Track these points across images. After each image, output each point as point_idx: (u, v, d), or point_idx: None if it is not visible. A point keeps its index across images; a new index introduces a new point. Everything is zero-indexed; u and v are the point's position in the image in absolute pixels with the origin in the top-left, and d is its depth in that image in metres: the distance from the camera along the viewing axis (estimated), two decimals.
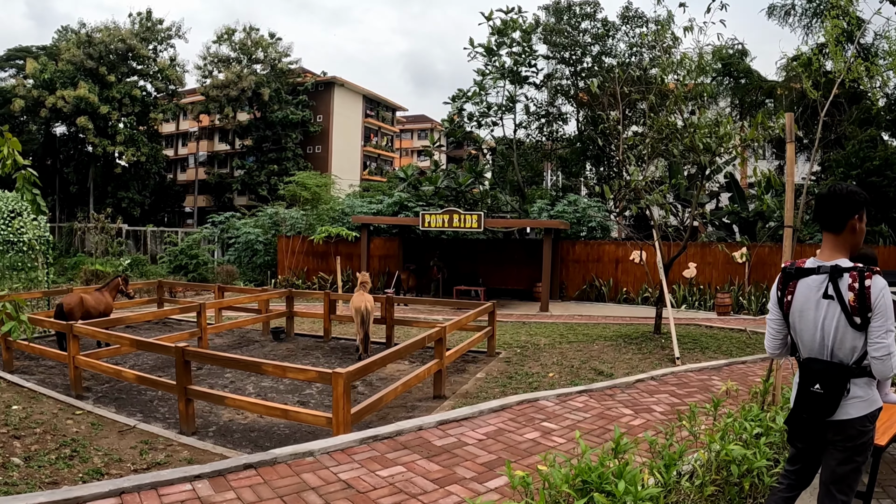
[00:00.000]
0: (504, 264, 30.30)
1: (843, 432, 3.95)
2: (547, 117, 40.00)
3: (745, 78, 36.69)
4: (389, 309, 15.87)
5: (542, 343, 15.53)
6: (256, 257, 34.31)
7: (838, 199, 3.99)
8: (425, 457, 6.88)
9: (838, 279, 3.91)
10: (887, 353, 3.76)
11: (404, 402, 10.57)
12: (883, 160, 30.16)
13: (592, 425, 8.33)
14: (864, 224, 4.02)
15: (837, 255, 4.02)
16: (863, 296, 3.78)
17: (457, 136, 36.91)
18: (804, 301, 4.06)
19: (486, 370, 12.45)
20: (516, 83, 37.12)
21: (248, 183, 60.86)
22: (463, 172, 34.53)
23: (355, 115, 71.65)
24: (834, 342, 3.96)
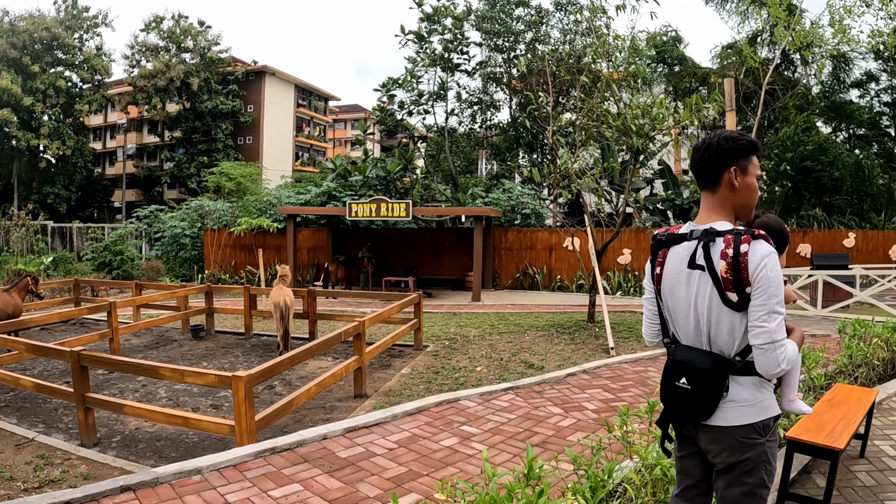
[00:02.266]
0: (437, 254, 29.72)
1: (721, 443, 3.07)
2: (479, 105, 39.67)
3: (680, 65, 36.90)
4: (311, 303, 15.18)
5: (472, 335, 15.04)
6: (183, 252, 33.25)
7: (709, 147, 3.16)
8: (327, 471, 6.22)
9: (710, 245, 3.02)
10: (769, 341, 2.87)
11: (323, 402, 9.95)
12: (817, 145, 30.48)
13: (517, 428, 7.67)
14: (750, 179, 3.15)
15: (715, 218, 3.16)
16: (737, 265, 2.89)
17: (387, 124, 36.21)
18: (675, 274, 3.17)
19: (412, 365, 11.92)
20: (448, 70, 36.57)
21: (177, 176, 59.39)
22: (392, 161, 33.88)
23: (287, 104, 70.36)
24: (709, 326, 3.07)
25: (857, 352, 8.78)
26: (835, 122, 37.57)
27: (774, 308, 2.86)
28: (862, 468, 6.10)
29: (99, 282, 23.47)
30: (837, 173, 31.27)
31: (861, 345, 8.99)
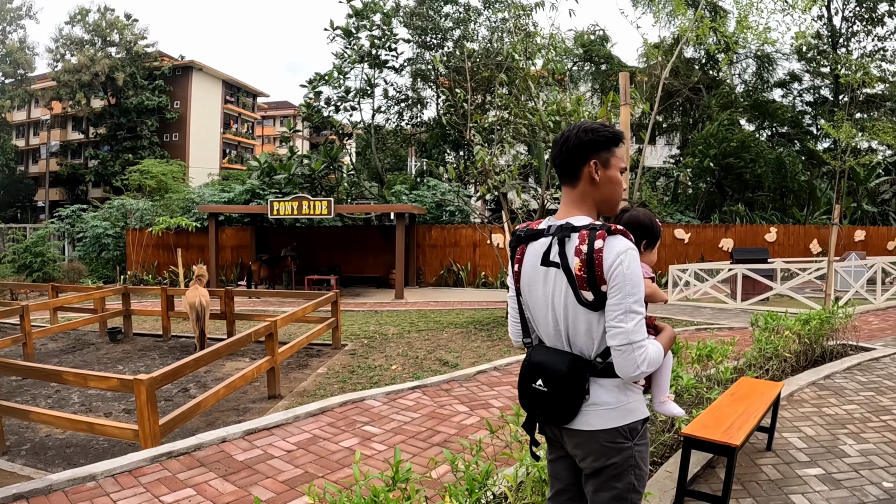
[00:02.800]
0: (362, 252, 29.47)
1: (586, 448, 2.89)
2: (406, 102, 39.48)
3: (606, 63, 37.29)
4: (229, 303, 14.88)
5: (391, 333, 14.91)
6: (106, 252, 32.53)
7: (567, 139, 2.92)
8: (222, 475, 5.98)
9: (566, 241, 2.81)
10: (626, 342, 2.66)
11: (237, 404, 9.72)
12: (740, 142, 31.05)
13: (420, 427, 7.44)
14: (612, 172, 2.93)
15: (574, 213, 2.93)
16: (591, 262, 2.68)
17: (313, 121, 35.65)
18: (532, 272, 2.95)
19: (329, 364, 11.75)
20: (375, 67, 36.26)
21: (102, 174, 57.94)
22: (318, 159, 33.48)
23: (215, 100, 69.12)
24: (567, 326, 2.86)
25: (767, 345, 8.75)
26: (758, 120, 38.37)
27: (631, 307, 2.66)
28: (768, 461, 6.02)
29: (17, 284, 22.96)
30: (760, 170, 31.85)
31: (772, 338, 8.96)
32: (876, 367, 10.06)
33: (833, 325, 10.40)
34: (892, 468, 5.89)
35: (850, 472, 5.80)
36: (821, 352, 10.21)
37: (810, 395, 8.27)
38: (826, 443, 6.53)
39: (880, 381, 9.12)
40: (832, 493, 5.35)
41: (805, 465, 5.92)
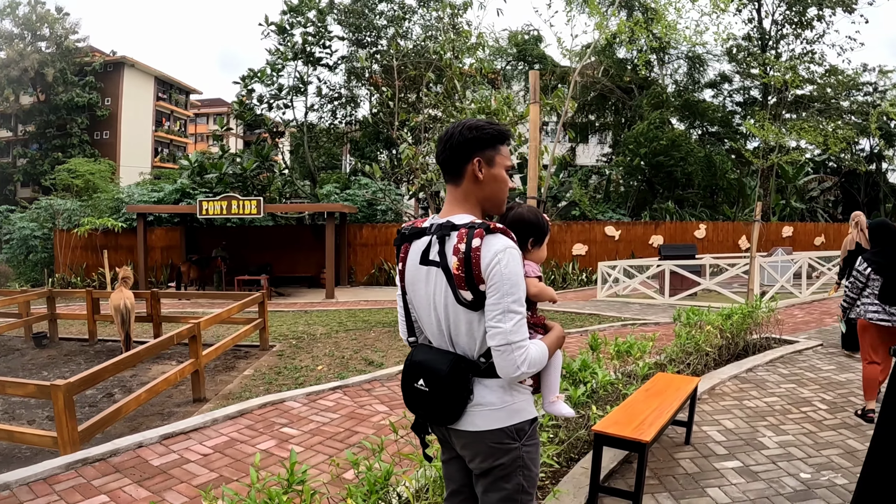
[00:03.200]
0: (294, 252, 29.14)
1: (473, 448, 2.84)
2: (340, 100, 39.19)
3: (539, 63, 37.40)
4: (155, 305, 14.52)
5: (319, 332, 14.76)
6: (33, 254, 31.58)
7: (451, 137, 2.85)
8: (137, 481, 5.83)
9: (446, 239, 2.75)
10: (505, 342, 2.59)
11: (162, 408, 9.45)
12: (670, 141, 31.38)
13: (338, 428, 7.33)
14: (497, 171, 2.86)
15: (457, 211, 2.87)
16: (469, 261, 2.62)
17: (245, 118, 35.13)
18: (415, 271, 2.89)
19: (255, 366, 11.55)
20: (309, 64, 35.88)
21: (31, 173, 56.16)
22: (249, 157, 33.04)
23: (147, 97, 67.38)
24: (449, 326, 2.81)
25: (688, 340, 8.79)
26: (689, 119, 38.85)
27: (510, 307, 2.60)
28: (686, 455, 6.03)
29: None
30: (690, 168, 32.29)
31: (693, 333, 9.01)
32: (798, 359, 10.22)
33: (756, 320, 10.53)
34: (811, 459, 5.96)
35: (768, 464, 5.85)
36: (744, 345, 10.33)
37: (732, 389, 8.35)
38: (745, 435, 6.59)
39: (802, 374, 9.27)
40: (749, 485, 5.38)
41: (723, 458, 5.96)
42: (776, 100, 37.17)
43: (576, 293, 23.87)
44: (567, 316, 15.98)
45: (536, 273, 3.07)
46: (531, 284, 2.92)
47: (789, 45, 37.03)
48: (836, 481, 5.48)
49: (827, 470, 5.72)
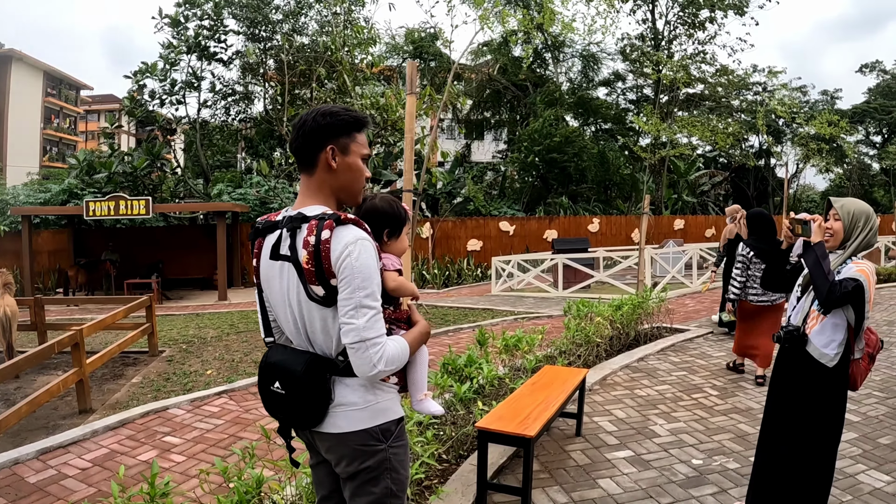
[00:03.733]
0: (186, 252, 28.23)
1: (337, 451, 2.69)
2: (234, 96, 38.39)
3: (436, 60, 37.29)
4: (39, 312, 13.85)
5: (210, 336, 14.29)
6: None
7: (304, 124, 2.67)
8: (11, 500, 5.50)
9: (297, 232, 2.59)
10: (359, 339, 2.44)
11: (47, 421, 8.83)
12: (564, 138, 31.68)
13: (223, 434, 7.03)
14: (352, 159, 2.70)
15: (309, 202, 2.69)
16: (318, 254, 2.47)
17: (136, 115, 34.01)
18: (268, 266, 2.71)
19: (144, 373, 11.01)
20: (203, 59, 34.96)
21: None
22: (140, 156, 32.03)
23: (35, 93, 64.41)
24: (304, 323, 2.64)
25: (578, 332, 8.75)
26: (583, 116, 39.31)
27: (363, 302, 2.45)
28: (577, 447, 5.95)
29: None
30: (583, 164, 32.69)
31: (583, 324, 8.98)
32: (689, 347, 10.36)
33: (647, 310, 10.61)
34: (702, 445, 5.98)
35: (659, 452, 5.83)
36: (635, 335, 10.38)
37: (623, 378, 8.34)
38: (637, 424, 6.56)
39: (693, 361, 9.38)
40: (641, 474, 5.34)
41: (614, 449, 5.91)
42: (668, 98, 37.95)
43: (471, 289, 23.86)
44: (461, 311, 15.94)
45: (396, 266, 2.89)
46: (389, 278, 2.76)
47: (682, 45, 37.92)
48: (728, 466, 5.51)
49: (719, 455, 5.75)
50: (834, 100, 55.60)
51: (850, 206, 4.00)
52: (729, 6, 35.75)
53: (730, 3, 35.63)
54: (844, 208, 3.99)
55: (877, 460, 5.70)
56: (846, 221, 3.95)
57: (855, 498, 4.95)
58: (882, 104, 56.61)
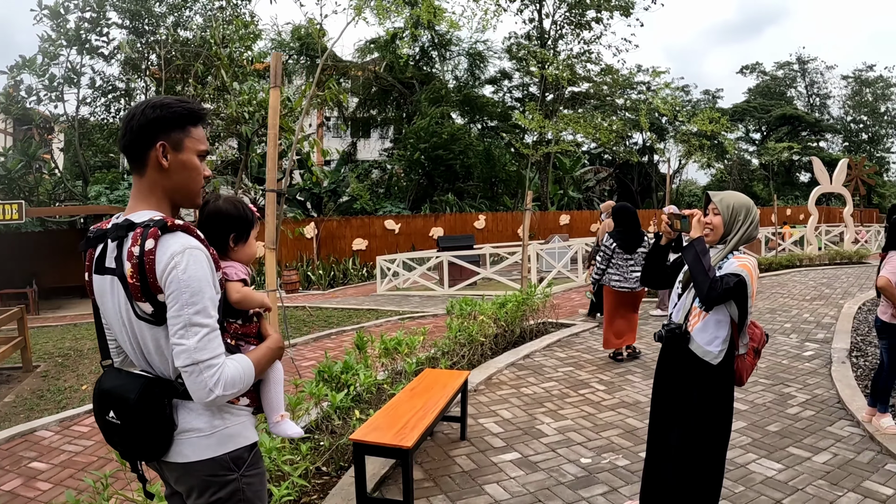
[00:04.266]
0: (66, 259, 26.79)
1: (186, 482, 2.39)
2: (115, 93, 37.09)
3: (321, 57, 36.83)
4: None
5: (87, 347, 13.53)
6: None
7: (132, 118, 2.32)
8: None
9: (124, 242, 2.24)
10: (191, 362, 2.14)
11: None
12: (450, 135, 31.67)
13: (91, 457, 6.50)
14: (186, 156, 2.36)
15: (140, 207, 2.35)
16: (142, 267, 2.14)
17: (12, 113, 32.55)
18: (99, 281, 2.37)
19: (17, 391, 10.34)
20: (85, 53, 33.57)
21: None
22: (14, 157, 30.60)
23: None
24: (139, 344, 2.30)
25: (460, 332, 8.56)
26: (469, 114, 39.41)
27: (193, 320, 2.15)
28: (463, 451, 5.73)
29: None
30: (469, 161, 32.73)
31: (466, 323, 8.80)
32: (575, 342, 10.33)
33: (531, 306, 10.51)
34: (591, 442, 5.87)
35: (547, 452, 5.68)
36: (521, 332, 10.24)
37: (509, 377, 8.18)
38: (524, 424, 6.40)
39: (579, 356, 9.34)
40: (529, 477, 5.18)
41: (501, 451, 5.72)
42: (554, 96, 38.36)
43: (356, 289, 23.52)
44: (345, 313, 15.53)
45: (241, 275, 2.58)
46: (232, 290, 2.44)
47: (568, 44, 38.36)
48: (617, 463, 5.42)
49: (608, 452, 5.66)
50: (715, 99, 58.23)
51: (729, 200, 3.90)
52: (615, 7, 36.38)
53: (616, 4, 36.23)
54: (724, 202, 3.89)
55: (767, 448, 5.73)
56: (726, 215, 3.84)
57: (748, 488, 4.93)
58: (761, 103, 59.85)
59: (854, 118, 68.56)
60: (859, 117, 68.30)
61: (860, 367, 8.41)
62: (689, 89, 55.94)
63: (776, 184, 57.13)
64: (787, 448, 5.75)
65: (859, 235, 29.48)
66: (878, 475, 5.17)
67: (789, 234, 28.63)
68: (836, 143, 67.69)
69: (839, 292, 15.43)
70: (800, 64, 69.90)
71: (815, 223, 25.49)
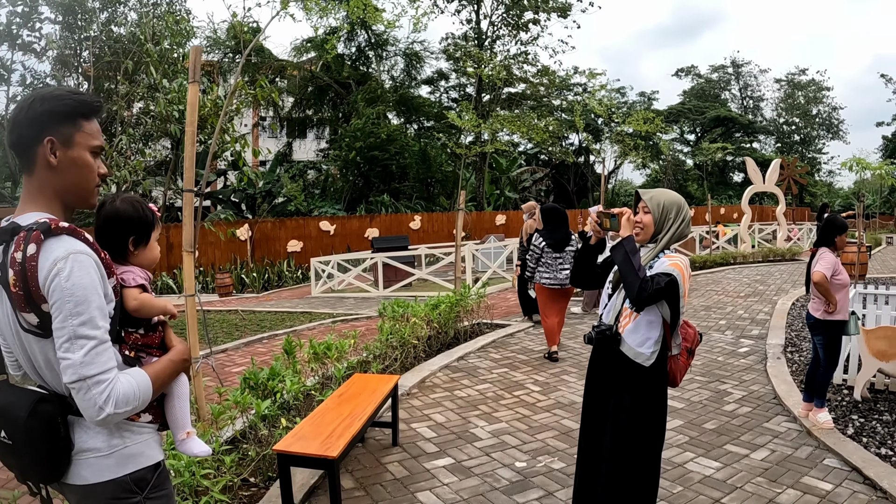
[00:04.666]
0: None
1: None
2: None
3: (258, 56, 36.32)
4: None
5: None
6: None
7: (20, 111, 2.13)
8: None
9: (8, 246, 2.06)
10: (78, 378, 1.93)
11: None
12: (386, 135, 31.52)
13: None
14: (77, 153, 2.14)
15: (29, 209, 2.14)
16: (24, 274, 1.95)
17: None
18: None
19: None
20: (16, 48, 32.57)
21: None
22: None
23: None
24: (30, 358, 2.13)
25: (391, 335, 8.35)
26: (406, 115, 39.26)
27: (78, 332, 1.94)
28: (395, 458, 5.56)
29: None
30: (405, 161, 32.57)
31: (398, 326, 8.59)
32: (510, 342, 10.22)
33: (465, 307, 10.35)
34: (525, 446, 5.75)
35: (481, 457, 5.54)
36: (455, 334, 10.12)
37: (443, 380, 8.03)
38: (457, 428, 6.25)
39: (514, 357, 9.24)
40: (462, 483, 5.05)
41: (434, 457, 5.56)
42: (490, 97, 38.39)
43: (291, 291, 23.05)
44: (278, 316, 15.13)
45: (139, 281, 2.33)
46: (129, 297, 2.20)
47: (505, 45, 38.33)
48: (553, 466, 5.30)
49: (543, 455, 5.54)
50: (651, 101, 59.28)
51: (659, 198, 3.75)
52: (552, 9, 36.43)
53: (553, 5, 36.28)
54: (654, 200, 3.74)
55: (704, 447, 5.69)
56: (656, 213, 3.70)
57: (686, 488, 4.87)
58: (696, 105, 61.24)
59: (787, 120, 70.65)
60: (792, 119, 70.42)
61: (795, 363, 8.51)
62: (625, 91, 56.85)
63: (710, 183, 58.34)
64: (725, 446, 5.72)
65: (792, 233, 30.05)
66: (816, 470, 5.17)
67: (723, 232, 29.03)
68: (769, 144, 69.67)
69: (773, 289, 15.64)
70: (734, 67, 71.83)
71: (749, 221, 25.95)
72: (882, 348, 6.63)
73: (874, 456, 5.34)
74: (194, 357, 4.92)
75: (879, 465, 5.12)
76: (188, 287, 4.96)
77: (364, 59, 39.08)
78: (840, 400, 6.89)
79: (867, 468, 5.06)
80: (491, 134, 34.02)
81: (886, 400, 6.87)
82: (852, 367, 7.29)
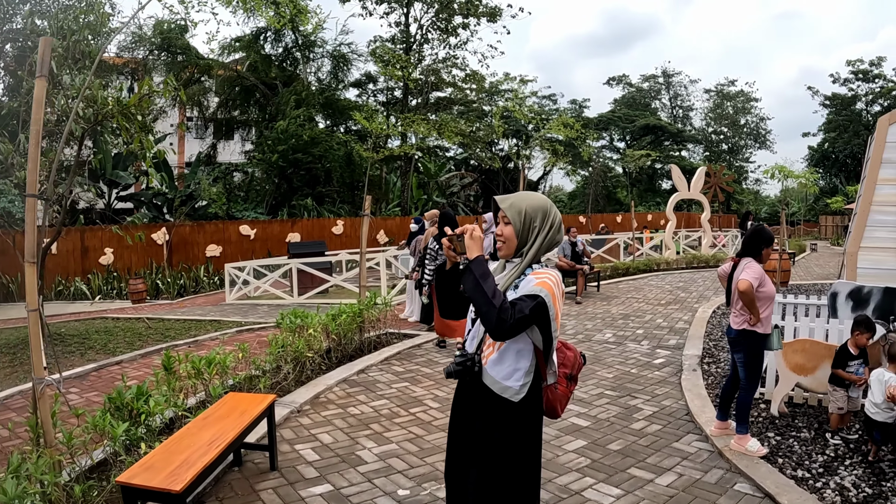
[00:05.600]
0: None
1: None
2: None
3: (184, 54, 35.58)
4: None
5: None
6: None
7: None
8: None
9: None
10: None
11: None
12: (311, 138, 31.04)
13: None
14: None
15: None
16: None
17: None
18: None
19: None
20: None
21: None
22: None
23: None
24: None
25: (283, 347, 7.99)
26: (332, 117, 38.88)
27: None
28: (270, 484, 5.23)
29: None
30: (329, 165, 32.22)
31: (292, 338, 8.22)
32: (416, 354, 9.97)
33: (371, 316, 10.05)
34: (413, 470, 5.50)
35: (363, 483, 5.26)
36: (358, 345, 9.82)
37: (339, 395, 7.74)
38: (343, 451, 5.98)
39: (417, 370, 8.98)
40: None
41: (312, 483, 5.27)
42: (418, 101, 38.19)
43: (206, 298, 22.20)
44: (185, 325, 14.40)
45: None
46: None
47: (433, 49, 38.10)
48: (437, 494, 5.02)
49: (430, 481, 5.27)
50: (582, 108, 59.99)
51: (520, 204, 3.17)
52: (482, 13, 36.29)
53: (483, 10, 36.16)
54: (513, 207, 3.16)
55: (606, 471, 5.46)
56: (517, 223, 3.14)
57: None
58: (626, 113, 62.41)
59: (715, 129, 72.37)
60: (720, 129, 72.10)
61: (711, 374, 8.42)
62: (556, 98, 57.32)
63: (639, 190, 59.15)
64: (629, 469, 5.49)
65: (717, 240, 30.38)
66: (726, 497, 4.94)
67: (649, 238, 29.30)
68: (698, 152, 71.22)
69: (695, 296, 15.70)
70: (665, 77, 73.30)
71: (674, 228, 26.18)
72: (800, 362, 6.53)
73: (789, 480, 5.12)
74: (38, 378, 4.53)
75: (794, 492, 4.88)
76: (31, 301, 4.53)
77: (291, 60, 38.55)
78: (756, 415, 6.76)
79: (781, 495, 4.83)
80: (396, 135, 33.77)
81: (805, 415, 6.75)
82: (769, 380, 7.14)
